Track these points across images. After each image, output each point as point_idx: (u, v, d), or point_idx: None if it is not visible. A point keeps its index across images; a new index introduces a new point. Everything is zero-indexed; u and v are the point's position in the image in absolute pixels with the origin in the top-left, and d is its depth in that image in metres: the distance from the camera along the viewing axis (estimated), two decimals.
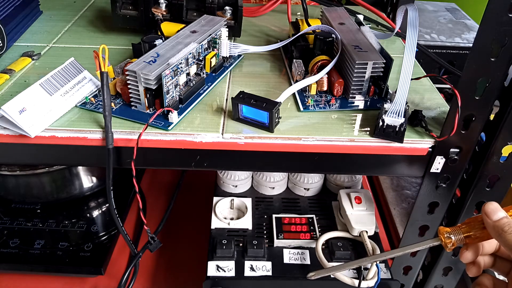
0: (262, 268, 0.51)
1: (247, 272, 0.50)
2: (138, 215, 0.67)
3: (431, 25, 0.82)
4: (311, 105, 0.44)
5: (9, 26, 0.52)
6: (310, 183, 0.62)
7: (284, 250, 0.54)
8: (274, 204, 0.61)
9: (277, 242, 0.54)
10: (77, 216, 0.64)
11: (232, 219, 0.57)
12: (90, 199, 0.66)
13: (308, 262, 0.52)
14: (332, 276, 0.48)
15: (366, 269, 0.50)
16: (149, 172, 0.77)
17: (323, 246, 0.53)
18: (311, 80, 0.45)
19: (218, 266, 0.50)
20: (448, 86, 0.51)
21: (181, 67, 0.42)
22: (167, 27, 0.50)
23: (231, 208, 0.59)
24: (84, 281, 0.58)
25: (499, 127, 0.40)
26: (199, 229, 0.65)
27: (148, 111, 0.42)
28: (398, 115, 0.39)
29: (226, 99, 0.46)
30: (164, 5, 0.52)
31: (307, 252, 0.54)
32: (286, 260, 0.53)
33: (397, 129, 0.39)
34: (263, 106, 0.40)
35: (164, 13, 0.53)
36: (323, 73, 0.45)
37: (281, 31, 0.62)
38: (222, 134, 0.41)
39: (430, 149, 0.41)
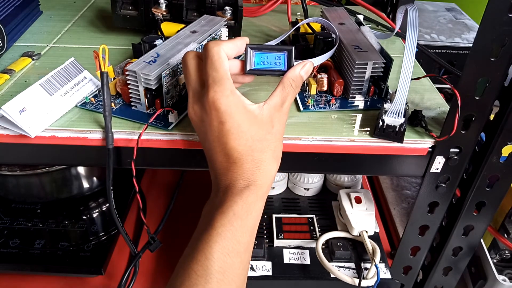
0: (262, 268, 0.51)
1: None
2: (138, 215, 0.67)
3: (431, 25, 0.82)
4: (311, 105, 0.44)
5: (9, 26, 0.52)
6: (310, 183, 0.62)
7: (284, 250, 0.54)
8: (274, 204, 0.61)
9: (277, 242, 0.54)
10: (77, 216, 0.63)
11: None
12: (90, 199, 0.66)
13: (308, 262, 0.52)
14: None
15: (366, 268, 0.50)
16: (149, 172, 0.77)
17: (323, 246, 0.53)
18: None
19: None
20: (448, 86, 0.51)
21: (181, 67, 0.42)
22: (167, 27, 0.50)
23: None
24: (84, 281, 0.58)
25: (499, 127, 0.40)
26: None
27: (148, 111, 0.42)
28: (398, 115, 0.39)
29: None
30: (164, 5, 0.52)
31: (307, 252, 0.54)
32: (286, 260, 0.53)
33: (397, 129, 0.39)
34: (280, 48, 0.37)
35: (164, 13, 0.53)
36: (327, 56, 0.44)
37: (281, 31, 0.62)
38: None
39: (430, 149, 0.41)
